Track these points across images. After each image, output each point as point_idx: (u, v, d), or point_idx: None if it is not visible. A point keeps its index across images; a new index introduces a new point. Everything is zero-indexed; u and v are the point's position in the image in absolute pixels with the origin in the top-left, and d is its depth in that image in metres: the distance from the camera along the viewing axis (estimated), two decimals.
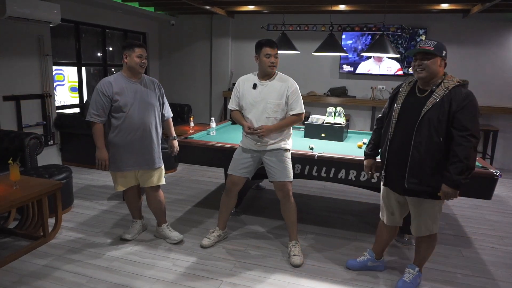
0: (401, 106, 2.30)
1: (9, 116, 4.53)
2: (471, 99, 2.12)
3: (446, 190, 2.15)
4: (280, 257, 2.94)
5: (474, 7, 5.27)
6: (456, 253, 3.12)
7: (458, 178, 2.09)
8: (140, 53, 2.77)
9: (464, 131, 2.08)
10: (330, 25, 4.71)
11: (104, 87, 2.76)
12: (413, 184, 2.24)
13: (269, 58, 2.76)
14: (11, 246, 2.98)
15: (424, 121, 2.16)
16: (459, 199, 4.28)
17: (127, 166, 2.89)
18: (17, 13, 4.13)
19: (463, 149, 2.07)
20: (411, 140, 2.20)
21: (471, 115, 2.10)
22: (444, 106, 2.12)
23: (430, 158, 2.17)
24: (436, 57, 2.18)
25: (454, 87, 2.16)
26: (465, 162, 2.07)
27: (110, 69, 6.71)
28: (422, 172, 2.20)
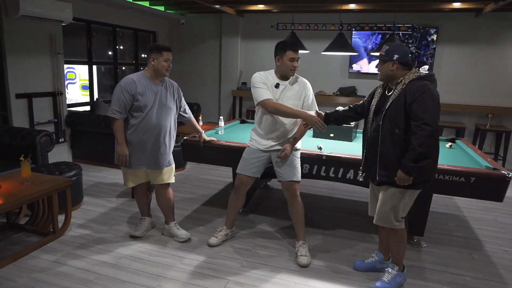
0: (374, 108, 2.46)
1: (21, 114, 4.60)
2: (425, 90, 2.19)
3: (399, 175, 2.25)
4: (287, 257, 2.93)
5: (487, 6, 5.19)
6: (467, 255, 3.08)
7: (410, 164, 2.18)
8: (167, 57, 2.81)
9: (418, 120, 2.16)
10: (339, 24, 4.68)
11: (128, 85, 2.79)
12: (383, 177, 2.37)
13: (292, 62, 2.76)
14: (22, 242, 3.02)
15: (386, 116, 2.30)
16: (470, 201, 4.24)
17: (137, 164, 2.92)
18: (30, 12, 4.20)
19: (417, 138, 2.16)
20: (379, 137, 2.35)
21: (424, 104, 2.17)
22: (401, 99, 2.24)
23: (395, 151, 2.29)
24: (387, 62, 2.32)
25: (410, 81, 2.27)
26: (418, 149, 2.15)
27: (120, 68, 6.76)
28: (390, 164, 2.32)
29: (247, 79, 7.01)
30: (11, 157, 3.62)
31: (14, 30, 4.36)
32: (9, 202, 2.64)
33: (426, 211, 3.13)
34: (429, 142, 2.17)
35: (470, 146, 3.63)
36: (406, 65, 2.31)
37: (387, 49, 2.33)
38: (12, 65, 4.41)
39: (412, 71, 2.33)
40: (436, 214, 3.90)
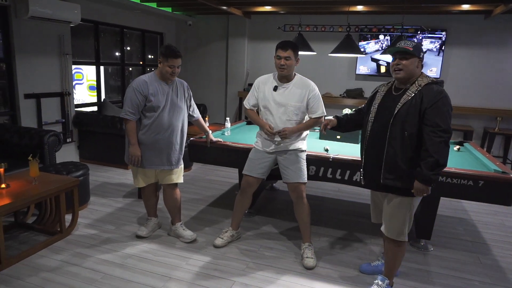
0: (378, 106, 2.34)
1: (30, 114, 4.64)
2: (442, 96, 2.12)
3: (417, 186, 2.16)
4: (293, 259, 2.92)
5: (496, 8, 5.14)
6: (474, 260, 3.05)
7: (429, 173, 2.09)
8: (172, 63, 2.82)
9: (435, 126, 2.09)
10: (347, 26, 4.67)
11: (140, 87, 2.83)
12: (388, 180, 2.25)
13: (279, 60, 2.74)
14: (29, 241, 3.05)
15: (397, 117, 2.19)
16: (478, 204, 4.20)
17: (150, 164, 2.95)
18: (39, 13, 4.24)
19: (433, 144, 2.08)
20: (386, 137, 2.23)
21: (441, 111, 2.10)
22: (416, 102, 2.15)
23: (404, 154, 2.19)
24: (414, 58, 2.19)
25: (426, 84, 2.19)
26: (435, 156, 2.07)
27: (127, 69, 6.80)
28: (397, 167, 2.21)
29: (253, 80, 6.96)
30: (20, 157, 3.66)
31: (23, 31, 4.41)
32: (17, 201, 2.67)
33: (434, 214, 3.11)
34: (446, 150, 2.11)
35: (479, 149, 3.59)
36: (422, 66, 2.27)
37: (414, 45, 2.20)
38: (21, 66, 4.46)
39: (424, 74, 2.26)
40: (444, 218, 3.86)
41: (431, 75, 6.10)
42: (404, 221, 2.32)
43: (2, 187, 2.80)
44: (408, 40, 2.26)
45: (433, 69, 6.11)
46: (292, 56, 2.74)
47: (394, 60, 2.24)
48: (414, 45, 2.20)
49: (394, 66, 2.24)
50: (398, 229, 2.33)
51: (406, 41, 2.24)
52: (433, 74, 6.13)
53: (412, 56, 2.18)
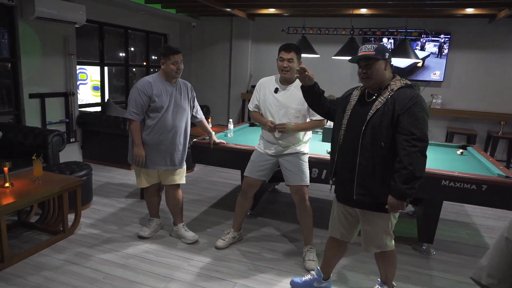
0: (350, 113, 2.15)
1: (34, 113, 4.67)
2: (416, 100, 1.94)
3: (391, 201, 1.95)
4: (294, 261, 2.92)
5: (501, 12, 5.13)
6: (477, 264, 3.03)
7: (403, 187, 1.89)
8: (174, 60, 2.85)
9: (409, 135, 1.90)
10: (351, 29, 4.67)
11: (144, 87, 2.85)
12: (361, 196, 2.07)
13: (282, 62, 2.74)
14: (32, 240, 3.06)
15: (369, 126, 2.01)
16: (481, 209, 4.18)
17: (153, 165, 2.97)
18: (44, 14, 4.27)
19: (407, 154, 1.88)
20: (358, 148, 2.05)
21: (415, 117, 1.91)
22: (388, 109, 1.97)
23: (377, 166, 2.01)
24: (379, 61, 2.03)
25: (399, 88, 2.02)
26: (409, 168, 1.87)
27: (131, 69, 6.83)
28: (370, 181, 2.03)
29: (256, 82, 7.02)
30: (23, 156, 3.67)
31: (29, 31, 4.44)
32: (21, 201, 2.68)
33: (436, 218, 3.09)
34: (421, 160, 1.90)
35: (482, 153, 3.58)
36: (391, 66, 2.10)
37: (376, 48, 2.03)
38: (26, 65, 4.48)
39: (397, 77, 2.10)
40: (446, 222, 3.85)
41: (435, 79, 6.10)
42: (383, 235, 2.16)
43: (6, 186, 2.82)
44: (368, 44, 2.08)
45: (437, 72, 6.10)
46: (295, 59, 2.74)
47: (359, 69, 2.08)
48: (375, 47, 2.03)
49: (360, 74, 2.08)
50: (378, 244, 2.19)
51: (366, 45, 2.07)
52: (436, 78, 6.12)
53: (376, 60, 2.02)
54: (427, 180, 2.81)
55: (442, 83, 6.17)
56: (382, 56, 2.03)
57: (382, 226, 2.14)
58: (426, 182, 2.81)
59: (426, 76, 6.18)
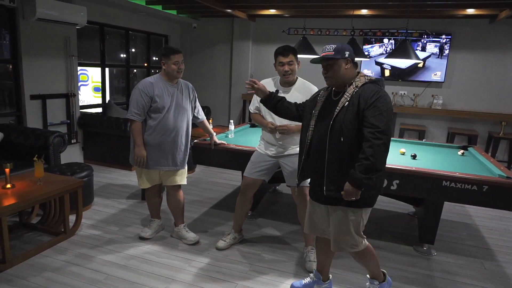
0: (317, 114, 2.20)
1: (35, 115, 4.68)
2: (380, 95, 1.99)
3: (347, 188, 2.00)
4: (295, 262, 2.92)
5: (501, 13, 5.13)
6: (478, 265, 3.03)
7: (360, 176, 1.94)
8: (176, 59, 2.87)
9: (373, 128, 1.95)
10: (351, 29, 4.68)
11: (146, 88, 2.86)
12: (331, 192, 2.10)
13: (283, 66, 2.74)
14: (33, 241, 3.07)
15: (336, 123, 2.06)
16: (482, 209, 4.18)
17: (154, 165, 2.98)
18: (46, 15, 4.28)
19: (370, 146, 1.93)
20: (326, 145, 2.10)
21: (379, 111, 1.96)
22: (353, 105, 2.02)
23: (345, 162, 2.05)
24: (339, 60, 2.08)
25: (363, 84, 2.06)
26: (371, 160, 1.92)
27: (132, 70, 6.84)
28: (338, 177, 2.07)
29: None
30: (25, 157, 3.69)
31: (30, 32, 4.45)
32: (22, 202, 2.69)
33: (437, 219, 3.09)
34: (383, 153, 1.96)
35: (483, 154, 3.58)
36: (355, 63, 2.14)
37: (335, 48, 2.09)
38: (28, 67, 4.50)
39: (361, 73, 2.15)
40: (447, 222, 3.85)
41: (435, 79, 6.10)
42: (354, 234, 2.17)
43: (8, 187, 2.82)
44: (329, 45, 2.13)
45: (438, 73, 6.10)
46: (294, 60, 2.74)
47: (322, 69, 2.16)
48: (334, 48, 2.09)
49: (323, 75, 2.16)
50: (349, 243, 2.19)
51: (327, 46, 2.13)
52: (437, 78, 6.12)
53: (336, 60, 2.08)
54: (428, 181, 2.82)
55: (443, 83, 6.17)
56: (341, 55, 2.08)
57: (353, 223, 2.15)
58: (427, 183, 2.83)
59: (427, 77, 6.18)
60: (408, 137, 6.15)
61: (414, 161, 3.28)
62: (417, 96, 6.28)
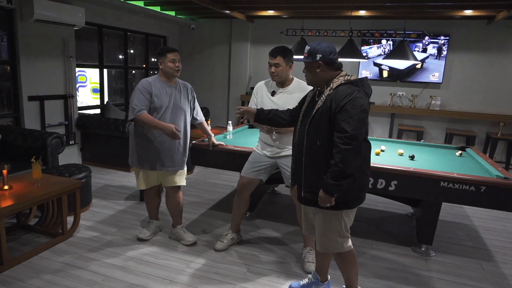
0: (302, 114, 2.20)
1: (33, 116, 4.67)
2: (352, 97, 1.91)
3: (320, 195, 1.99)
4: (294, 263, 2.92)
5: (499, 14, 5.15)
6: (476, 266, 3.03)
7: (330, 183, 1.91)
8: (172, 58, 2.86)
9: (342, 132, 1.89)
10: (349, 30, 4.68)
11: (144, 86, 2.87)
12: (307, 193, 2.10)
13: (270, 68, 2.77)
14: (31, 242, 3.06)
15: (312, 125, 2.04)
16: (480, 210, 4.18)
17: (152, 166, 2.96)
18: (44, 16, 4.28)
19: (338, 152, 1.89)
20: (303, 147, 2.09)
21: (349, 114, 1.89)
22: (326, 107, 1.98)
23: (319, 165, 2.02)
24: (311, 63, 2.07)
25: (338, 86, 2.01)
26: (340, 166, 1.88)
27: (130, 72, 6.83)
28: (314, 179, 2.05)
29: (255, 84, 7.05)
30: (23, 158, 3.67)
31: (28, 34, 4.44)
32: (20, 203, 2.68)
33: (435, 219, 3.09)
34: (353, 159, 1.90)
35: (481, 155, 3.58)
36: (332, 65, 2.06)
37: (308, 49, 2.07)
38: (26, 68, 4.49)
39: (342, 73, 2.07)
40: (445, 223, 3.85)
41: (434, 80, 6.11)
42: (336, 235, 2.14)
43: (5, 189, 2.82)
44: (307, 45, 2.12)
45: (436, 74, 6.12)
46: (282, 63, 2.74)
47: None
48: (309, 49, 2.08)
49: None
50: (332, 244, 2.17)
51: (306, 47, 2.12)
52: (435, 79, 6.14)
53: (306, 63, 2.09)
54: (426, 181, 2.83)
55: (441, 84, 6.19)
56: (312, 58, 2.06)
57: (334, 224, 2.12)
58: (425, 184, 2.83)
59: (425, 78, 6.19)
60: (406, 138, 6.16)
61: (412, 162, 3.28)
62: (415, 97, 6.29)
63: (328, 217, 2.12)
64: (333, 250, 2.21)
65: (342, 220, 2.12)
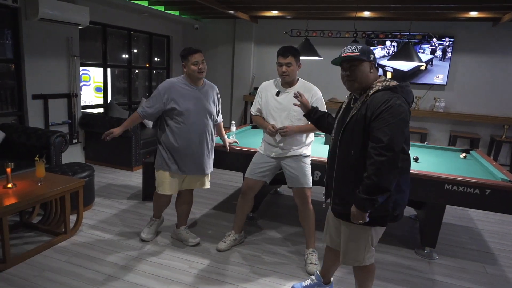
0: (336, 122, 2.08)
1: (37, 114, 4.68)
2: (389, 105, 1.77)
3: (352, 210, 1.86)
4: (296, 265, 2.91)
5: (505, 16, 5.12)
6: (480, 269, 3.01)
7: (363, 197, 1.77)
8: (195, 60, 2.79)
9: (377, 142, 1.75)
10: (354, 31, 4.67)
11: (164, 89, 2.83)
12: (337, 205, 2.00)
13: (281, 67, 2.75)
14: (34, 241, 3.06)
15: (345, 133, 1.93)
16: (484, 213, 4.16)
17: (182, 170, 2.91)
18: (48, 15, 4.29)
19: (372, 163, 1.75)
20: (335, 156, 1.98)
21: (385, 123, 1.75)
22: (361, 115, 1.85)
23: (351, 176, 1.90)
24: (364, 62, 1.90)
25: (375, 92, 1.86)
26: (373, 179, 1.74)
27: (134, 71, 6.84)
28: (345, 192, 1.94)
29: (259, 85, 7.04)
30: (26, 157, 3.68)
31: (32, 32, 4.45)
32: (23, 201, 2.68)
33: (439, 222, 3.08)
34: (388, 172, 1.75)
35: (485, 157, 3.56)
36: (377, 69, 2.00)
37: (361, 48, 1.91)
38: (30, 67, 4.50)
39: (380, 78, 1.94)
40: (449, 226, 3.83)
41: (438, 82, 6.08)
42: (361, 250, 2.04)
43: (9, 187, 2.82)
44: (352, 45, 1.95)
45: (440, 75, 6.09)
46: (293, 62, 2.74)
47: (342, 71, 1.97)
48: (360, 48, 1.91)
49: (344, 77, 1.96)
50: (354, 258, 2.08)
51: (350, 46, 1.94)
52: (440, 81, 6.11)
53: (361, 61, 1.90)
54: (430, 184, 2.81)
55: (445, 86, 6.16)
56: (367, 57, 1.91)
57: (361, 238, 2.02)
58: (429, 186, 2.82)
59: (429, 80, 6.16)
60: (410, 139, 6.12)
61: (416, 164, 3.27)
62: (419, 99, 6.26)
63: (356, 231, 2.00)
64: (353, 264, 2.12)
65: (370, 236, 2.01)
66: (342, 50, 1.97)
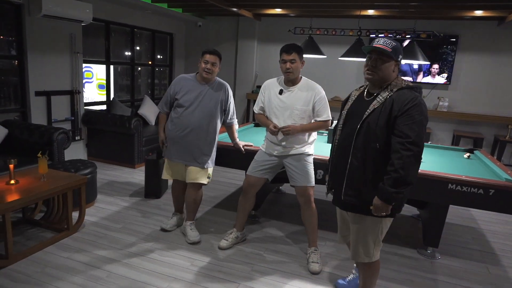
0: (347, 112, 2.11)
1: (40, 111, 4.69)
2: (416, 103, 1.85)
3: (376, 203, 1.90)
4: (298, 263, 2.90)
5: (510, 15, 5.09)
6: (483, 270, 3.00)
7: (390, 190, 1.83)
8: (206, 59, 2.97)
9: (404, 137, 1.82)
10: (358, 30, 4.65)
11: (175, 82, 3.09)
12: (349, 197, 2.02)
13: (285, 64, 2.73)
14: (36, 237, 3.07)
15: (364, 126, 1.94)
16: (487, 213, 4.14)
17: (174, 157, 3.10)
18: (51, 12, 4.29)
19: (399, 158, 1.81)
20: (351, 147, 1.99)
21: (413, 120, 1.83)
22: (386, 109, 1.90)
23: (369, 168, 1.94)
24: (392, 61, 1.95)
25: (399, 89, 1.93)
26: (400, 172, 1.80)
27: (137, 68, 6.84)
28: (361, 183, 1.97)
29: (262, 83, 7.03)
30: (29, 153, 3.68)
31: (36, 29, 4.46)
32: (26, 198, 2.69)
33: (442, 222, 3.06)
34: (414, 166, 1.84)
35: (489, 157, 3.54)
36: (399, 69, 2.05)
37: (394, 45, 1.94)
38: (33, 63, 4.50)
39: (399, 78, 2.01)
40: (452, 226, 3.81)
41: (441, 81, 6.05)
42: (372, 243, 2.09)
43: (11, 183, 2.83)
44: (388, 39, 1.98)
45: (444, 74, 6.05)
46: (297, 59, 2.73)
47: (369, 60, 1.99)
48: (393, 45, 1.94)
49: (367, 66, 1.99)
50: (364, 252, 2.11)
51: (386, 39, 1.97)
52: (443, 80, 6.08)
53: (389, 58, 1.94)
54: (434, 184, 2.80)
55: (449, 85, 6.13)
56: (396, 57, 1.96)
57: (372, 231, 2.06)
58: (433, 186, 2.80)
59: (432, 79, 6.13)
60: None
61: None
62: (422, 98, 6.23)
63: (369, 223, 2.04)
64: (364, 260, 2.13)
65: (380, 228, 2.06)
66: (377, 40, 2.00)
